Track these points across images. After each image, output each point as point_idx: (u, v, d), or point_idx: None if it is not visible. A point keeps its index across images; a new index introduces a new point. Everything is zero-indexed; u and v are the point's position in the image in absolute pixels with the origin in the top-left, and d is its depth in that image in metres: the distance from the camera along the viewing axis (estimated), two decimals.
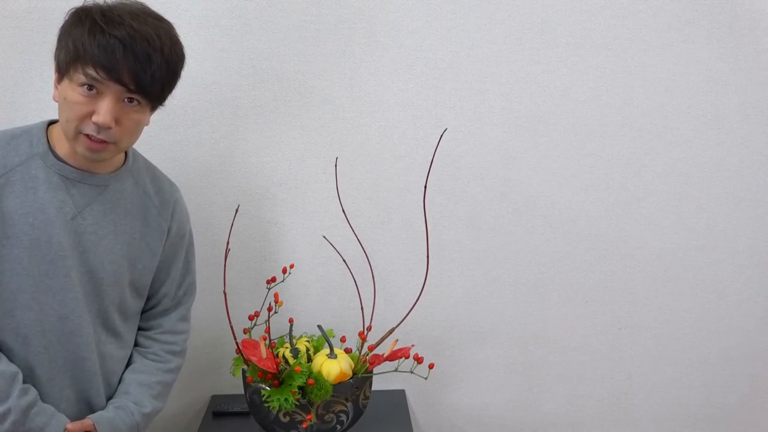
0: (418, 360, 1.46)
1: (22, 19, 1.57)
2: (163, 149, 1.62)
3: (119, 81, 1.13)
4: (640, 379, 1.88)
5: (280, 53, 1.65)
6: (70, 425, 1.23)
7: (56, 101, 1.19)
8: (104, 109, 1.13)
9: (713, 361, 1.88)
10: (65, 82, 1.15)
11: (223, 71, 1.64)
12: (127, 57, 1.12)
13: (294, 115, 1.68)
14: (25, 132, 1.22)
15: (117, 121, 1.16)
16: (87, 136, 1.16)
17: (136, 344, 1.40)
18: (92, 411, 1.29)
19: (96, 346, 1.28)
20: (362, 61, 1.67)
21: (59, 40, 1.18)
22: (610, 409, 1.89)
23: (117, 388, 1.34)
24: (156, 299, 1.41)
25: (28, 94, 1.60)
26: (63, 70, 1.16)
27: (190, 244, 1.45)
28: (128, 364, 1.37)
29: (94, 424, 1.25)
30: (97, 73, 1.12)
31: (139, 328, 1.41)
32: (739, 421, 1.92)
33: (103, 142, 1.16)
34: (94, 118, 1.14)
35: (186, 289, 1.45)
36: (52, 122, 1.25)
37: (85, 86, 1.13)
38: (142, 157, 1.38)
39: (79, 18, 1.15)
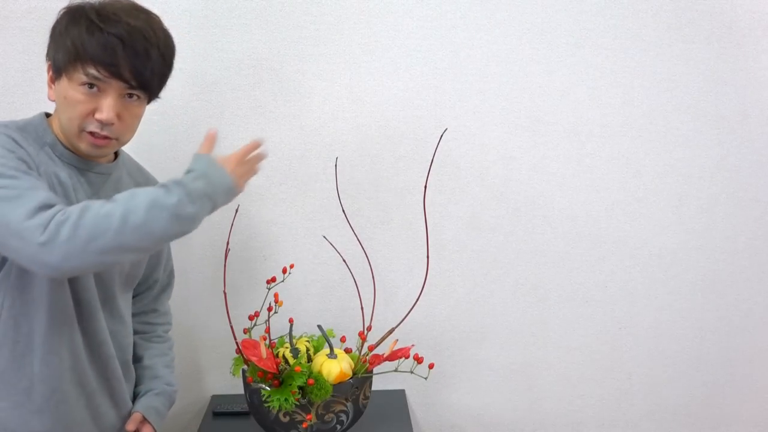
0: (418, 360, 1.46)
1: (22, 19, 1.57)
2: (163, 149, 1.62)
3: (121, 78, 1.14)
4: (640, 379, 1.88)
5: (280, 53, 1.65)
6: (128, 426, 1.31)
7: (52, 100, 1.19)
8: (107, 106, 1.15)
9: (713, 361, 1.88)
10: (64, 82, 1.16)
11: (223, 71, 1.64)
12: (128, 53, 1.13)
13: (294, 115, 1.68)
14: (28, 123, 1.22)
15: (119, 116, 1.18)
16: (90, 133, 1.17)
17: (137, 332, 1.44)
18: (113, 393, 1.31)
19: (108, 331, 1.30)
20: (362, 61, 1.67)
21: (53, 40, 1.18)
22: (610, 409, 1.89)
23: (139, 372, 1.41)
24: (147, 285, 1.46)
25: (28, 94, 1.60)
26: (61, 69, 1.16)
27: None
28: (133, 349, 1.41)
29: (143, 416, 1.33)
30: (98, 71, 1.13)
31: (135, 315, 1.45)
32: (739, 421, 1.92)
33: (106, 137, 1.18)
34: (98, 116, 1.15)
35: (170, 273, 1.52)
36: (47, 114, 1.25)
37: (86, 85, 1.14)
38: (124, 151, 1.39)
39: (73, 17, 1.15)
